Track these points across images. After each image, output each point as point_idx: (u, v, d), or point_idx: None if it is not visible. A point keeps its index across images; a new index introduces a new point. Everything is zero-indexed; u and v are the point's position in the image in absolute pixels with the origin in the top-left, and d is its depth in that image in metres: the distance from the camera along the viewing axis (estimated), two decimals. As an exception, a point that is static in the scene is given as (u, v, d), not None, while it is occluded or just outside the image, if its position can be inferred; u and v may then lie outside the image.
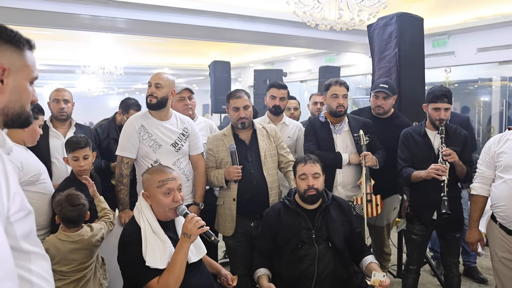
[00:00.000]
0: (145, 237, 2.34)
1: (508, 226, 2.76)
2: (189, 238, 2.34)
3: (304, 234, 2.79)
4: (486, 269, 4.50)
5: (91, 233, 2.65)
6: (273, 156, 3.34)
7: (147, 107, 3.22)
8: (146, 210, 2.43)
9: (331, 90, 3.46)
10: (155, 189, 2.42)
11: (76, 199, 2.60)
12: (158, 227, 2.40)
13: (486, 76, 8.76)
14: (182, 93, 3.64)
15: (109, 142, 3.98)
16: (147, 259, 2.29)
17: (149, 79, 3.22)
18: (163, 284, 2.29)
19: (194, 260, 2.47)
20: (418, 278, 3.47)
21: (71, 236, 2.56)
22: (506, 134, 2.86)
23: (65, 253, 2.50)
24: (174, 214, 2.46)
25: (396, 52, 4.00)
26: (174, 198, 2.42)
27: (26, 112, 1.28)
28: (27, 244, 1.19)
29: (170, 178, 2.44)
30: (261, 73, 7.74)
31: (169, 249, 2.37)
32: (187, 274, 2.40)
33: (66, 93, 3.67)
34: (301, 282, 2.75)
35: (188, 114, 3.64)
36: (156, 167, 2.67)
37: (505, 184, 2.75)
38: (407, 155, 3.32)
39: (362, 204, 3.38)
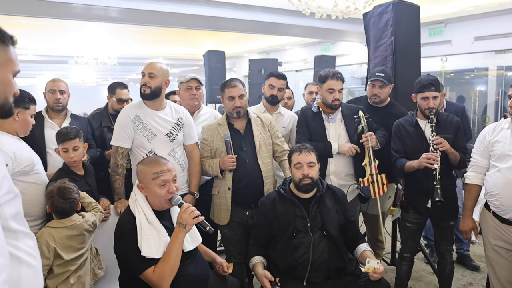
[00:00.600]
0: (140, 227, 2.35)
1: (502, 215, 2.77)
2: (184, 228, 2.35)
3: (299, 223, 2.79)
4: (479, 256, 4.53)
5: (83, 219, 2.67)
6: (268, 146, 3.33)
7: (141, 97, 3.21)
8: (141, 201, 2.44)
9: (328, 84, 3.41)
10: (150, 181, 2.42)
11: (67, 192, 2.60)
12: (153, 217, 2.41)
13: (482, 65, 8.76)
14: (189, 82, 3.62)
15: (102, 131, 3.96)
16: (143, 249, 2.30)
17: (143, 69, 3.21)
18: (158, 273, 2.30)
19: (189, 248, 2.49)
20: (412, 266, 3.49)
21: (63, 222, 2.58)
22: (501, 123, 2.86)
23: (61, 240, 2.51)
24: (170, 204, 2.47)
25: (392, 40, 3.98)
26: (169, 189, 2.43)
27: (9, 103, 1.36)
28: (15, 224, 1.26)
29: (165, 170, 2.44)
30: (256, 63, 7.70)
31: (165, 239, 2.38)
32: (183, 262, 2.42)
33: (62, 83, 3.65)
34: (295, 269, 2.76)
35: (193, 104, 3.63)
36: (151, 158, 2.66)
37: (499, 173, 2.75)
38: (400, 146, 3.32)
39: (368, 186, 3.40)
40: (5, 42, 1.32)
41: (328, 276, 2.78)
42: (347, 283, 2.76)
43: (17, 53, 1.38)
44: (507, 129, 2.78)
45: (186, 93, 3.62)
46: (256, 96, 6.78)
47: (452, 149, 3.10)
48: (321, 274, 2.76)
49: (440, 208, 3.11)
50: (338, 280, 2.78)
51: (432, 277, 4.13)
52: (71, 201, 2.59)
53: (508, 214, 2.73)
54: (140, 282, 2.38)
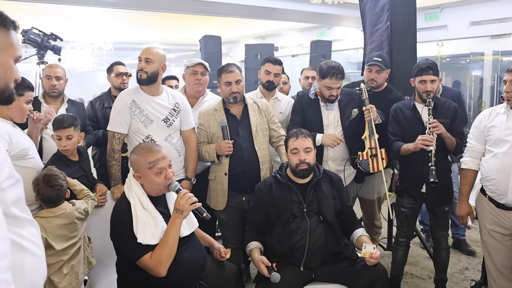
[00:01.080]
0: (135, 214, 2.35)
1: (498, 200, 2.79)
2: (181, 214, 2.36)
3: (295, 208, 2.81)
4: (475, 241, 4.57)
5: (73, 207, 2.61)
6: (265, 131, 3.33)
7: (137, 83, 3.19)
8: (135, 187, 2.44)
9: (327, 81, 3.35)
10: (146, 170, 2.41)
11: (53, 179, 2.53)
12: (149, 203, 2.41)
13: (478, 50, 8.74)
14: (195, 67, 3.59)
15: (105, 112, 3.92)
16: (139, 236, 2.30)
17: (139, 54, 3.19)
18: (155, 259, 2.30)
19: (185, 234, 2.49)
20: (407, 251, 3.52)
21: (53, 211, 2.52)
22: (497, 108, 2.87)
23: (52, 230, 2.46)
24: (167, 190, 2.48)
25: (388, 25, 3.96)
26: (167, 176, 2.43)
27: (10, 89, 1.32)
28: (17, 210, 1.23)
29: (160, 158, 2.43)
30: (252, 48, 7.66)
31: (161, 225, 2.38)
32: (179, 248, 2.42)
33: (58, 69, 3.61)
34: (292, 255, 2.78)
35: (198, 89, 3.61)
36: (142, 146, 2.60)
37: (495, 158, 2.77)
38: (397, 129, 3.33)
39: (367, 159, 3.39)
40: (6, 27, 1.29)
41: (325, 261, 2.80)
42: (344, 268, 2.78)
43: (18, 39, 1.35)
44: (503, 114, 2.79)
45: (191, 78, 3.60)
46: (252, 81, 6.76)
47: (448, 133, 3.11)
48: (317, 259, 2.78)
49: (435, 193, 3.14)
50: (334, 265, 2.81)
51: (428, 262, 4.16)
52: (57, 188, 2.52)
53: (504, 199, 2.74)
54: (137, 268, 2.38)
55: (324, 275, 2.79)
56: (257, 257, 2.75)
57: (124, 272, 2.53)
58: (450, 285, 3.72)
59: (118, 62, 4.25)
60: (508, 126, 2.73)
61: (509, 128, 2.72)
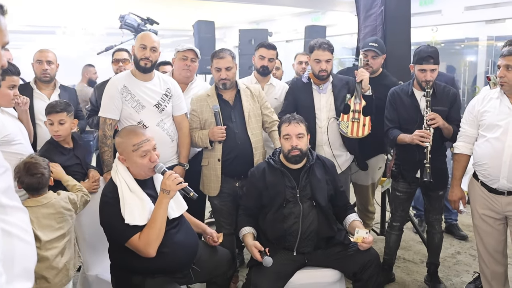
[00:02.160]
0: (122, 196, 2.37)
1: (490, 184, 2.80)
2: (168, 194, 2.39)
3: (288, 193, 2.81)
4: (467, 226, 4.60)
5: (59, 196, 2.57)
6: (257, 116, 3.32)
7: (141, 71, 3.13)
8: (122, 170, 2.46)
9: (314, 54, 3.38)
10: (130, 152, 2.43)
11: (33, 167, 2.47)
12: (136, 185, 2.43)
13: (472, 35, 8.71)
14: (186, 53, 3.56)
15: None
16: (126, 217, 2.32)
17: (136, 40, 3.15)
18: (144, 239, 2.32)
19: (174, 215, 2.52)
20: (401, 235, 3.54)
21: (38, 200, 2.48)
22: (490, 93, 2.86)
23: (38, 220, 2.41)
24: (153, 172, 2.50)
25: (382, 10, 3.94)
26: (151, 158, 2.45)
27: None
28: (6, 198, 1.22)
29: (145, 140, 2.44)
30: (246, 33, 7.59)
31: (148, 206, 2.40)
32: (170, 230, 2.45)
33: (49, 54, 3.58)
34: (285, 239, 2.79)
35: (185, 75, 3.59)
36: (127, 129, 2.63)
37: (487, 143, 2.77)
38: (394, 115, 3.32)
39: (348, 122, 3.33)
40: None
41: (318, 246, 2.81)
42: (336, 252, 2.80)
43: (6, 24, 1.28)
44: (496, 99, 2.78)
45: (180, 63, 3.57)
46: (246, 67, 6.72)
47: (445, 124, 3.11)
48: (310, 244, 2.79)
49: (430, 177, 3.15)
50: (327, 250, 2.82)
51: (421, 246, 4.19)
52: (38, 177, 2.46)
53: (496, 183, 2.75)
54: (129, 254, 2.40)
55: (316, 259, 2.81)
56: (250, 242, 2.76)
57: (117, 258, 2.54)
58: (442, 269, 3.76)
59: (120, 48, 4.26)
60: (501, 111, 2.73)
61: (502, 113, 2.72)
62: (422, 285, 3.59)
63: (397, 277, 3.70)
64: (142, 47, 3.09)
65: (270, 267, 2.63)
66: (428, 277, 3.57)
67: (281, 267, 2.71)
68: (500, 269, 2.94)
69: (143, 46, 3.08)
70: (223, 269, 2.78)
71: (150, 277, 2.43)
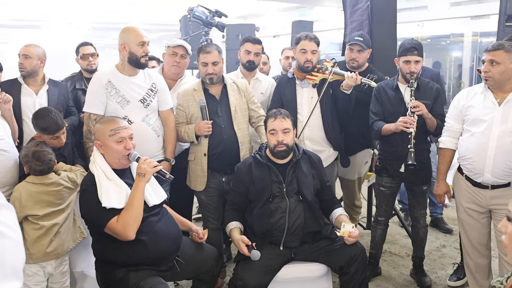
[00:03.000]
0: (99, 182, 2.44)
1: (474, 178, 2.83)
2: (144, 177, 2.46)
3: (275, 188, 2.82)
4: (452, 219, 4.65)
5: (59, 176, 2.75)
6: (244, 111, 3.31)
7: (138, 67, 3.09)
8: (99, 159, 2.53)
9: (300, 44, 3.40)
10: (107, 137, 2.51)
11: (42, 155, 2.66)
12: (113, 173, 2.51)
13: (458, 31, 8.78)
14: (176, 48, 3.52)
15: (76, 93, 3.86)
16: (103, 201, 2.39)
17: (119, 34, 3.09)
18: (122, 221, 2.38)
19: (154, 202, 2.57)
20: (386, 229, 3.57)
21: (40, 178, 2.67)
22: (475, 88, 2.89)
23: (36, 195, 2.63)
24: (127, 161, 2.57)
25: (368, 5, 3.95)
26: (126, 145, 2.53)
27: None
28: None
29: (122, 127, 2.55)
30: (233, 28, 7.55)
31: (125, 191, 2.47)
32: (149, 217, 2.51)
33: (30, 48, 3.47)
34: (272, 234, 2.79)
35: (174, 71, 3.56)
36: (107, 117, 2.79)
37: (472, 137, 2.80)
38: (379, 109, 3.34)
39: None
40: None
41: (304, 241, 2.82)
42: (323, 247, 2.81)
43: None
44: (481, 93, 2.81)
45: (170, 58, 3.54)
46: (233, 62, 6.69)
47: (429, 114, 3.13)
48: (297, 239, 2.80)
49: (413, 172, 3.17)
50: (313, 244, 2.83)
51: (407, 240, 4.23)
52: (47, 162, 2.67)
53: (480, 177, 2.78)
54: (111, 244, 2.44)
55: (303, 254, 2.82)
56: (237, 236, 2.76)
57: (100, 251, 2.57)
58: (427, 262, 3.79)
59: (84, 42, 4.13)
60: (485, 106, 2.76)
61: (487, 107, 2.75)
62: (408, 279, 3.63)
63: (383, 270, 3.73)
64: (142, 44, 3.04)
65: (257, 262, 2.63)
66: (413, 271, 3.61)
67: (268, 261, 2.72)
68: (483, 261, 2.98)
69: (142, 43, 3.04)
70: (210, 266, 2.78)
71: (133, 270, 2.44)
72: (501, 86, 2.72)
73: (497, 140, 2.68)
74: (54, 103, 3.38)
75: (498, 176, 2.72)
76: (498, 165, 2.69)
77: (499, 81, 2.68)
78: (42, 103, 3.35)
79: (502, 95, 2.73)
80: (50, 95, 3.45)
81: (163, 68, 3.65)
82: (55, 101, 3.42)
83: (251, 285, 2.61)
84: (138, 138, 3.03)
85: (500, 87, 2.72)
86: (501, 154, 2.68)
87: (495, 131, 2.69)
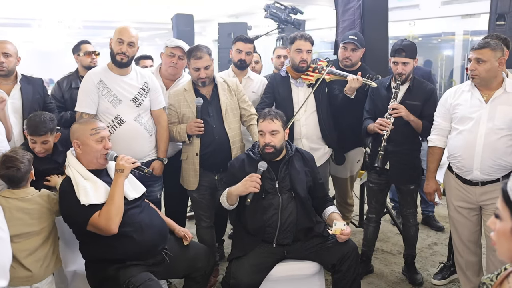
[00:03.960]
0: (75, 183, 2.46)
1: (464, 176, 2.86)
2: (122, 173, 2.51)
3: (267, 184, 2.82)
4: (443, 217, 4.67)
5: (38, 193, 2.56)
6: (235, 110, 3.32)
7: (117, 66, 3.09)
8: (73, 162, 2.57)
9: (296, 44, 3.40)
10: (87, 136, 2.55)
11: (9, 160, 2.45)
12: (89, 173, 2.54)
13: (449, 30, 8.83)
14: (174, 50, 3.50)
15: (72, 92, 3.77)
16: (81, 199, 2.41)
17: (113, 33, 3.09)
18: (104, 216, 2.41)
19: (133, 196, 2.61)
20: (378, 227, 3.59)
21: (15, 192, 2.48)
22: (462, 86, 2.92)
23: (9, 211, 2.35)
24: (105, 160, 2.61)
25: (360, 4, 3.96)
26: (105, 145, 2.58)
27: None
28: None
29: (102, 127, 2.62)
30: (225, 27, 7.56)
31: (103, 188, 2.51)
32: (131, 210, 2.55)
33: (8, 45, 3.24)
34: (265, 231, 2.80)
35: (172, 72, 3.55)
36: (85, 119, 2.88)
37: (460, 135, 2.82)
38: (371, 107, 3.38)
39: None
40: None
41: (297, 238, 2.83)
42: (315, 245, 2.82)
43: None
44: (467, 91, 2.83)
45: (167, 59, 3.53)
46: (225, 61, 6.69)
47: (410, 116, 3.15)
48: (290, 236, 2.81)
49: (400, 172, 3.25)
50: (306, 242, 2.84)
51: (399, 237, 4.25)
52: (13, 170, 2.43)
53: (469, 175, 2.81)
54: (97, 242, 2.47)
55: (296, 252, 2.83)
56: (233, 189, 2.77)
57: (88, 251, 2.59)
58: (419, 260, 3.82)
59: (85, 40, 4.10)
60: (472, 104, 2.78)
61: (474, 105, 2.78)
62: (400, 276, 3.65)
63: (376, 268, 3.76)
64: (119, 41, 3.04)
65: (250, 260, 2.65)
66: (405, 268, 3.64)
67: (261, 260, 2.73)
68: (474, 259, 3.01)
69: (120, 40, 3.04)
70: (201, 265, 2.78)
71: (123, 267, 2.46)
72: (488, 84, 2.74)
73: (484, 137, 2.71)
74: (29, 102, 3.21)
75: (487, 173, 2.75)
76: (486, 162, 2.72)
77: (485, 79, 2.71)
78: (15, 104, 3.18)
79: (488, 93, 2.75)
80: (24, 94, 3.22)
81: (160, 68, 3.64)
82: (30, 100, 3.22)
83: (244, 284, 2.62)
84: (130, 137, 3.05)
85: (487, 84, 2.75)
86: (489, 151, 2.70)
87: (482, 128, 2.72)
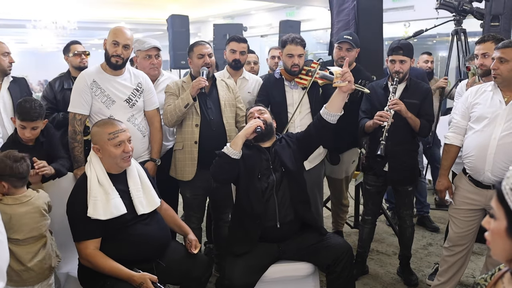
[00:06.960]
0: (90, 187, 2.41)
1: (476, 177, 2.80)
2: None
3: (264, 164, 2.86)
4: (439, 218, 4.68)
5: (38, 194, 2.53)
6: (232, 107, 3.33)
7: (111, 67, 3.07)
8: (95, 162, 2.50)
9: (287, 49, 3.38)
10: (106, 141, 2.46)
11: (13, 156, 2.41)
12: (105, 179, 2.46)
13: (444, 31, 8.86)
14: (149, 51, 3.49)
15: (65, 93, 3.76)
16: (89, 210, 2.35)
17: (107, 34, 3.07)
18: (92, 256, 2.38)
19: (143, 211, 2.53)
20: (373, 228, 3.58)
21: (18, 198, 2.41)
22: (484, 85, 2.86)
23: (16, 217, 2.35)
24: (126, 163, 2.53)
25: (354, 4, 3.95)
26: (125, 149, 2.49)
27: None
28: None
29: (120, 130, 2.50)
30: (221, 28, 7.59)
31: (113, 201, 2.42)
32: (136, 225, 2.49)
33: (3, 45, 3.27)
34: (266, 215, 2.80)
35: (154, 73, 3.53)
36: (104, 120, 2.71)
37: (474, 135, 2.78)
38: (368, 107, 3.36)
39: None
40: None
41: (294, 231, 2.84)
42: (310, 245, 2.81)
43: None
44: (490, 91, 2.79)
45: (145, 62, 3.50)
46: (221, 62, 6.69)
47: (409, 113, 3.14)
48: (290, 212, 2.83)
49: (398, 172, 3.22)
50: (302, 237, 2.84)
51: (394, 238, 4.25)
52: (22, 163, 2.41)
53: (481, 176, 2.76)
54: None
55: (290, 252, 2.82)
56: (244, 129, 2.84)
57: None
58: (414, 261, 3.81)
59: (75, 41, 4.07)
60: (492, 104, 2.74)
61: (492, 106, 2.73)
62: (395, 277, 3.64)
63: (371, 269, 3.75)
64: (114, 44, 3.01)
65: (245, 261, 2.64)
66: (400, 269, 3.63)
67: (256, 260, 2.71)
68: (459, 248, 2.97)
69: (115, 42, 3.01)
70: (198, 273, 2.68)
71: None
72: (510, 85, 2.69)
73: (499, 139, 2.66)
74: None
75: (498, 176, 2.67)
76: (498, 164, 2.67)
77: (507, 79, 2.66)
78: (6, 104, 3.21)
79: (510, 94, 2.71)
80: (13, 93, 3.25)
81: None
82: (19, 99, 3.11)
83: (239, 285, 2.60)
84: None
85: (509, 85, 2.70)
86: (502, 153, 2.65)
87: (498, 129, 2.67)
